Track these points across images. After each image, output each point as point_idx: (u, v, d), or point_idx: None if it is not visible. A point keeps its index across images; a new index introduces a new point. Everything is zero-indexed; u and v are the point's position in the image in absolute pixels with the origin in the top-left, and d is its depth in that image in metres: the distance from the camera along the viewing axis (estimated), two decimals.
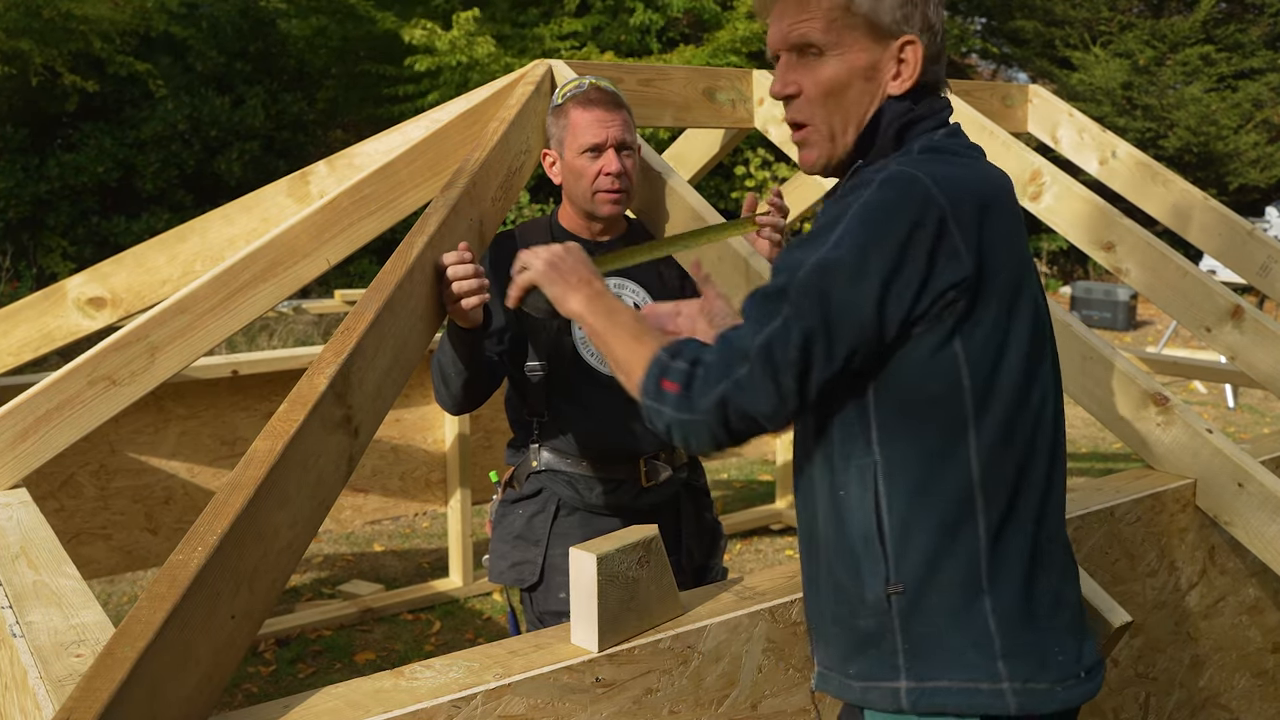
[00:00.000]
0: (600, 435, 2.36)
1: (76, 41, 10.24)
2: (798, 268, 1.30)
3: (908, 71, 1.40)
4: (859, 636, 1.39)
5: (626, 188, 2.29)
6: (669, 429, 1.35)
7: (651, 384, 1.37)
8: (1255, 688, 2.57)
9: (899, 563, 1.36)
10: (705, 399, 1.31)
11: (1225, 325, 2.81)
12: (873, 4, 1.37)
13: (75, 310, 2.68)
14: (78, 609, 1.72)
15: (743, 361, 1.30)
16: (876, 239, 1.27)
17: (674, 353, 1.37)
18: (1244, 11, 14.25)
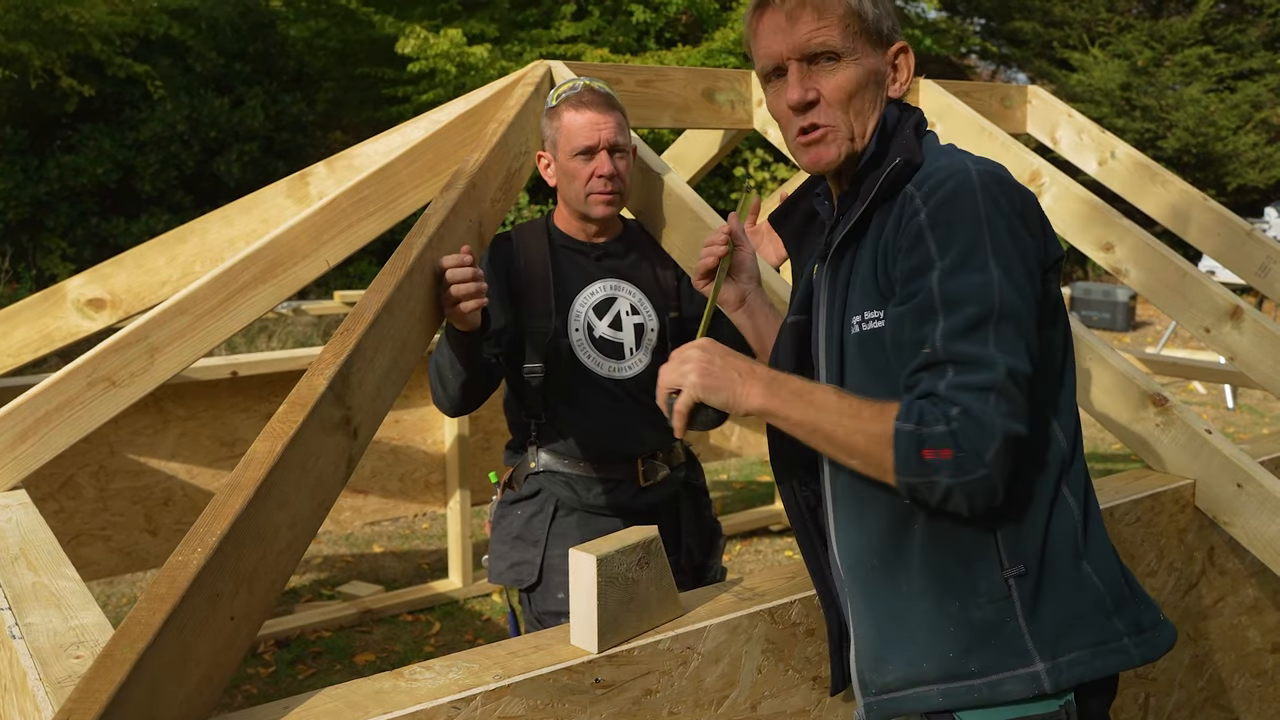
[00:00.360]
0: (598, 436, 2.37)
1: (75, 44, 10.24)
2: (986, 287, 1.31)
3: (904, 76, 1.49)
4: (974, 630, 1.39)
5: (619, 189, 2.30)
6: (947, 495, 1.30)
7: (911, 460, 1.30)
8: (1254, 688, 2.57)
9: (1014, 545, 1.38)
10: (989, 450, 1.27)
11: (1224, 326, 2.82)
12: (876, 14, 1.45)
13: (75, 311, 2.68)
14: (77, 610, 1.72)
15: (993, 394, 1.28)
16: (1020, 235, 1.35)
17: (916, 418, 1.31)
18: (1243, 12, 14.26)
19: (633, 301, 2.39)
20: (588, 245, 2.39)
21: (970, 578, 1.38)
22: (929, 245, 1.34)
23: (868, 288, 1.43)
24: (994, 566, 1.38)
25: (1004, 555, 1.38)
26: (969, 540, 1.38)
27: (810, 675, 1.75)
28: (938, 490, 1.29)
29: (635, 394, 2.38)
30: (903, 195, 1.41)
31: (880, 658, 1.46)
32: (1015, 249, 1.34)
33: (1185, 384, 8.40)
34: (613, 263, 2.41)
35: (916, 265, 1.35)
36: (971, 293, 1.31)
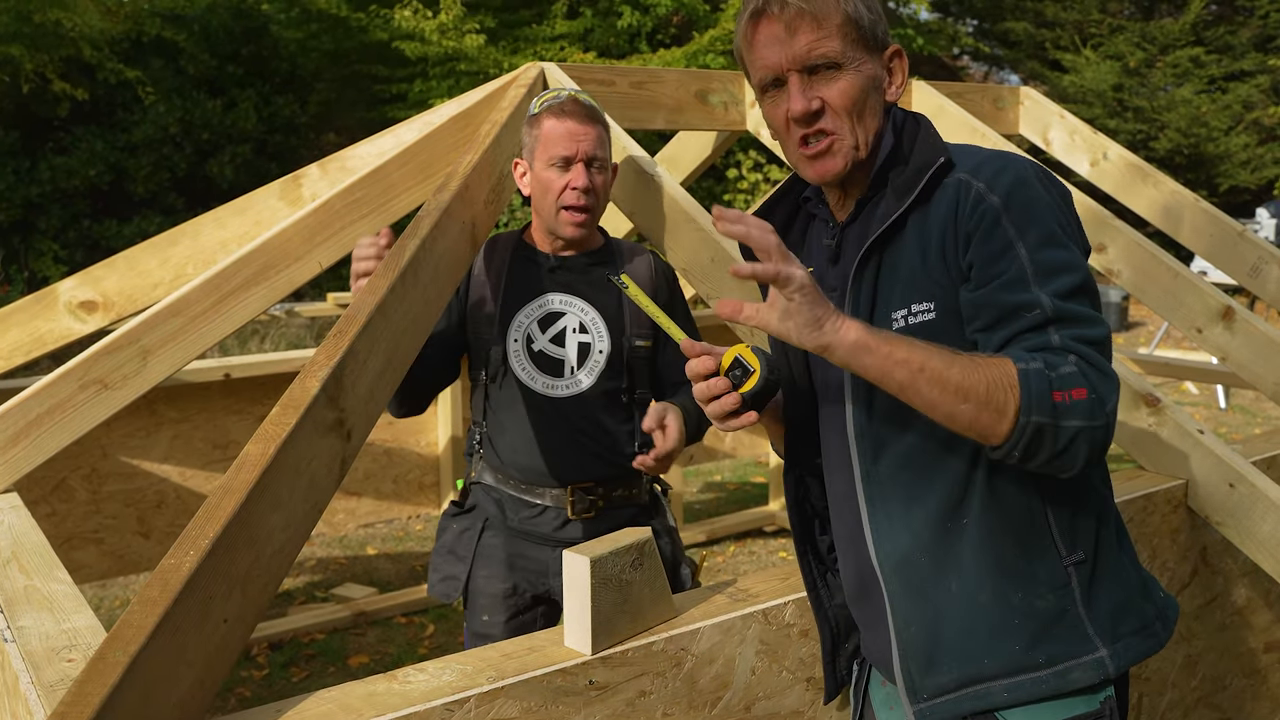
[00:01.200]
0: (528, 455, 2.28)
1: (67, 48, 10.22)
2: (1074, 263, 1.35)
3: (899, 79, 1.49)
4: (1039, 619, 1.39)
5: (592, 205, 2.21)
6: (1073, 441, 1.26)
7: (1043, 400, 1.25)
8: (1247, 687, 2.57)
9: (1071, 533, 1.40)
10: (1112, 398, 1.29)
11: (1216, 326, 2.82)
12: (871, 19, 1.44)
13: (67, 314, 2.67)
14: (69, 614, 1.71)
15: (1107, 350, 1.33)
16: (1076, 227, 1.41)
17: (1040, 360, 1.27)
18: (1234, 14, 14.31)
19: (583, 320, 2.27)
20: (544, 256, 2.30)
21: (1031, 567, 1.40)
22: (1006, 229, 1.35)
23: (917, 281, 1.40)
24: (1053, 554, 1.40)
25: (1060, 543, 1.40)
26: (1027, 529, 1.40)
27: (804, 676, 1.75)
28: (1064, 435, 1.25)
29: (571, 416, 2.25)
30: (957, 186, 1.39)
31: (933, 659, 1.43)
32: (1078, 231, 1.40)
33: (1178, 384, 8.42)
34: (567, 276, 2.29)
35: (998, 248, 1.34)
36: (1065, 264, 1.34)
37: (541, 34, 11.57)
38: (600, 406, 2.26)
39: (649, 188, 2.47)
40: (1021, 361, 1.27)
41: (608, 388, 2.27)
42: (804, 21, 1.40)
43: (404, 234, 2.00)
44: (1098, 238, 3.01)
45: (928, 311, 1.39)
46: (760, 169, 11.88)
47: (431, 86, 11.13)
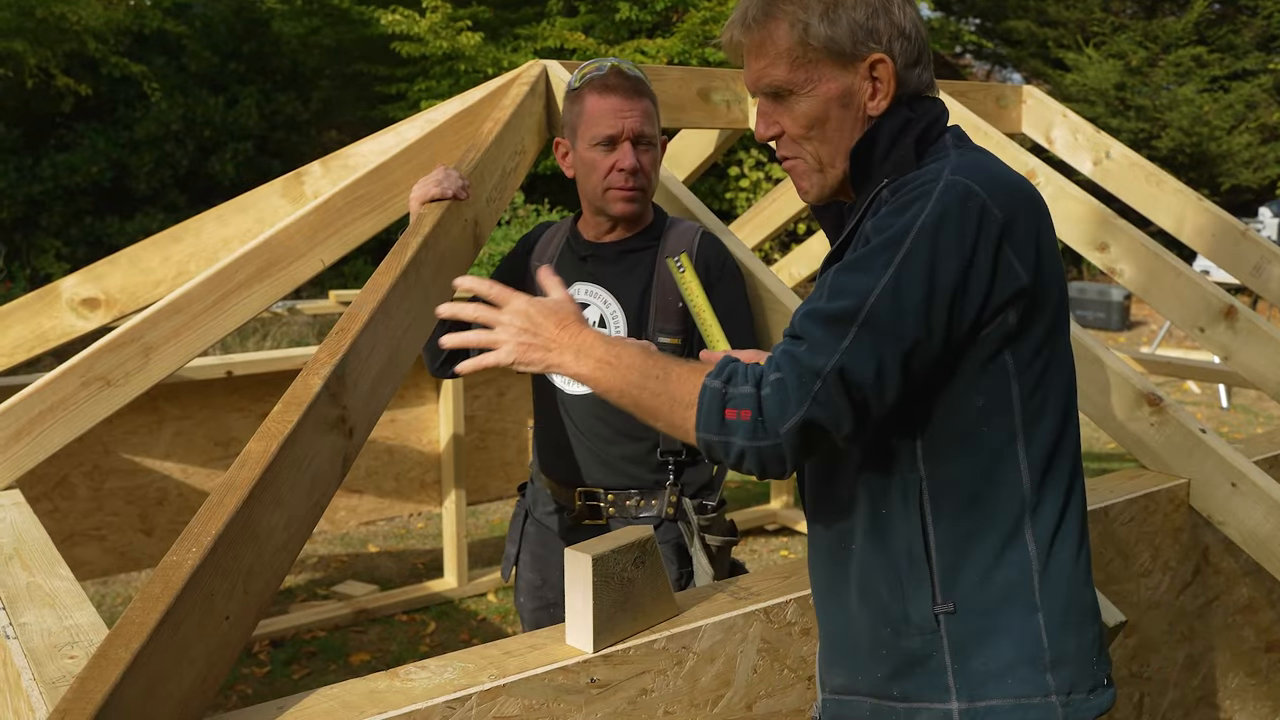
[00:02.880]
0: (548, 451, 2.26)
1: (70, 42, 10.22)
2: (865, 291, 1.26)
3: (884, 89, 1.39)
4: (904, 657, 1.37)
5: (643, 185, 2.09)
6: (740, 458, 1.28)
7: (713, 417, 1.28)
8: (1249, 687, 2.57)
9: (948, 581, 1.35)
10: (784, 423, 1.25)
11: (1219, 325, 2.82)
12: (829, 33, 1.36)
13: (69, 311, 2.67)
14: (71, 610, 1.71)
15: (817, 381, 1.24)
16: (942, 257, 1.27)
17: (726, 378, 1.29)
18: (1236, 13, 14.29)
19: (605, 313, 2.15)
20: (583, 244, 2.20)
21: (903, 608, 1.36)
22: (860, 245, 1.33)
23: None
24: (927, 599, 1.35)
25: (938, 590, 1.35)
26: (904, 569, 1.36)
27: (805, 675, 1.75)
28: (731, 451, 1.28)
29: (582, 417, 2.17)
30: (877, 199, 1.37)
31: (829, 659, 1.49)
32: (932, 266, 1.26)
33: (1180, 383, 8.41)
34: (596, 267, 2.17)
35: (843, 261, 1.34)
36: (850, 289, 1.27)
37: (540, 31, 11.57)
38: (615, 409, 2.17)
39: None
40: (711, 377, 1.30)
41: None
42: (751, 51, 1.41)
43: (406, 232, 2.00)
44: (1100, 237, 3.01)
45: None
46: (762, 167, 11.88)
47: (432, 86, 11.14)
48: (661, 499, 2.16)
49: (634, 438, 2.15)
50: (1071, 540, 1.39)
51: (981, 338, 1.31)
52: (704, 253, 2.16)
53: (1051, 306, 1.36)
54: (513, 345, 1.39)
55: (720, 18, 11.37)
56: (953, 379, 1.32)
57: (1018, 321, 1.32)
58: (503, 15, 12.11)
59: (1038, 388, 1.36)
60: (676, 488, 2.16)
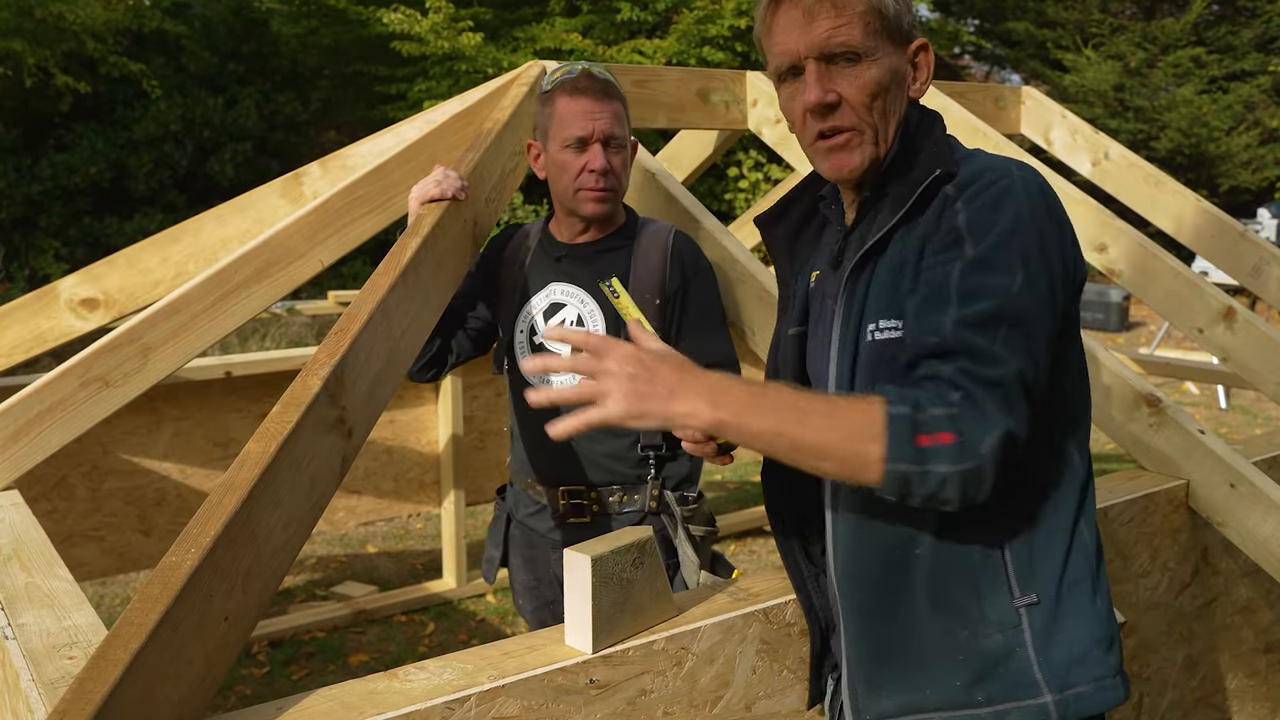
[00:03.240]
0: (528, 450, 2.25)
1: (69, 42, 10.23)
2: (1005, 289, 1.25)
3: (924, 75, 1.43)
4: (984, 658, 1.35)
5: (613, 186, 2.12)
6: (941, 485, 1.21)
7: (905, 446, 1.20)
8: (1248, 687, 2.57)
9: (1024, 574, 1.35)
10: (988, 440, 1.20)
11: (1217, 326, 2.82)
12: (897, 9, 1.37)
13: (68, 311, 2.67)
14: (70, 611, 1.71)
15: (1003, 390, 1.22)
16: (1050, 246, 1.30)
17: (912, 403, 1.22)
18: (1235, 14, 14.30)
19: (581, 312, 2.17)
20: (556, 245, 2.22)
21: (979, 605, 1.35)
22: (964, 242, 1.30)
23: (890, 295, 1.35)
24: (1005, 594, 1.35)
25: (1015, 583, 1.35)
26: (979, 566, 1.35)
27: (805, 676, 1.75)
28: (931, 480, 1.20)
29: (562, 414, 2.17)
30: (941, 199, 1.34)
31: (875, 683, 1.43)
32: (1044, 259, 1.28)
33: (1179, 385, 8.42)
34: (571, 266, 2.19)
35: (946, 257, 1.30)
36: (990, 289, 1.25)
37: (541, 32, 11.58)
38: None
39: (650, 187, 2.47)
40: (893, 404, 1.22)
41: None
42: (824, 6, 1.34)
43: (405, 232, 2.00)
44: (1099, 238, 3.01)
45: (894, 329, 1.34)
46: (761, 168, 11.88)
47: (431, 86, 11.14)
48: (644, 493, 2.19)
49: (615, 434, 2.17)
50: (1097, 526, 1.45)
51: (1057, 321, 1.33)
52: (679, 250, 2.19)
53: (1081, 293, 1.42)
54: (624, 394, 1.24)
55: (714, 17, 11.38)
56: None
57: (1076, 309, 1.37)
58: (503, 16, 12.12)
59: (1080, 374, 1.40)
60: (658, 481, 2.18)
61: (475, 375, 4.45)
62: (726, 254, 2.32)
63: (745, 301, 2.30)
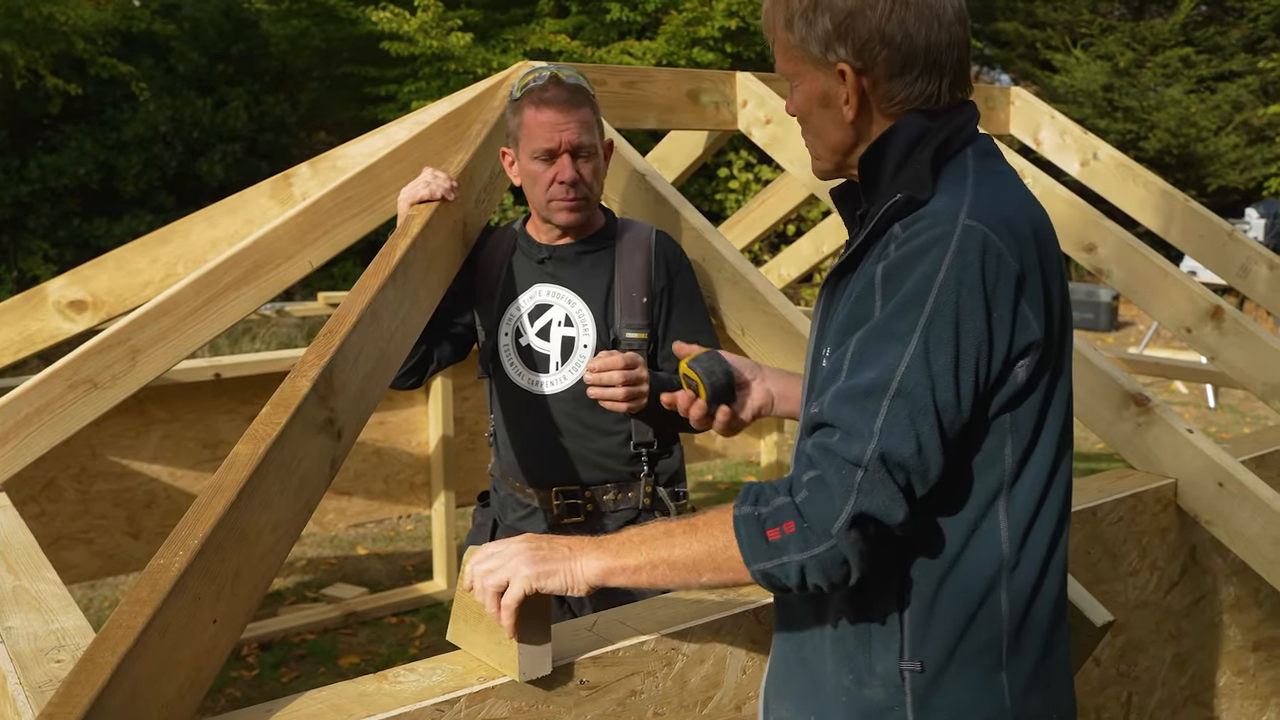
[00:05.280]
0: (518, 453, 2.24)
1: (59, 43, 10.19)
2: (894, 360, 1.20)
3: (852, 99, 1.33)
4: (865, 706, 1.33)
5: (584, 195, 2.11)
6: (802, 574, 1.21)
7: (757, 544, 1.22)
8: (1236, 685, 2.58)
9: (919, 640, 1.30)
10: (834, 522, 1.17)
11: (1205, 326, 2.83)
12: (804, 34, 1.33)
13: (56, 313, 2.66)
14: (58, 614, 1.71)
15: (858, 470, 1.18)
16: (967, 315, 1.21)
17: (753, 500, 1.23)
18: (1223, 14, 14.37)
19: (569, 312, 2.17)
20: (538, 247, 2.21)
21: (869, 657, 1.33)
22: (875, 300, 1.24)
23: (840, 325, 1.31)
24: (894, 654, 1.31)
25: (907, 646, 1.31)
26: (877, 622, 1.31)
27: None
28: (791, 570, 1.20)
29: (554, 415, 2.17)
30: (889, 233, 1.29)
31: (781, 689, 1.46)
32: (956, 327, 1.20)
33: (1167, 384, 8.45)
34: (555, 267, 2.19)
35: (858, 319, 1.25)
36: (879, 360, 1.20)
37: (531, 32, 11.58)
38: (586, 405, 2.13)
39: (639, 187, 2.47)
40: (739, 505, 1.24)
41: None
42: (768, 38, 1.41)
43: (395, 233, 2.00)
44: (1088, 237, 3.02)
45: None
46: (751, 169, 11.89)
47: (421, 87, 11.14)
48: (638, 490, 2.20)
49: (607, 432, 2.18)
50: (1050, 602, 1.36)
51: (990, 396, 1.26)
52: (662, 249, 2.21)
53: (1054, 353, 1.31)
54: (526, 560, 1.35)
55: (704, 19, 11.40)
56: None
57: (1027, 377, 1.27)
58: (492, 16, 12.11)
59: (1031, 443, 1.31)
60: (651, 478, 2.20)
61: (465, 377, 4.44)
62: (716, 254, 2.32)
63: (735, 301, 2.30)
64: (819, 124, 1.38)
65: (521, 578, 1.34)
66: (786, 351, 2.18)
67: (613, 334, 2.16)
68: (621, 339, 2.15)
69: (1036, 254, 1.29)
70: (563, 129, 2.06)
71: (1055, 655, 1.38)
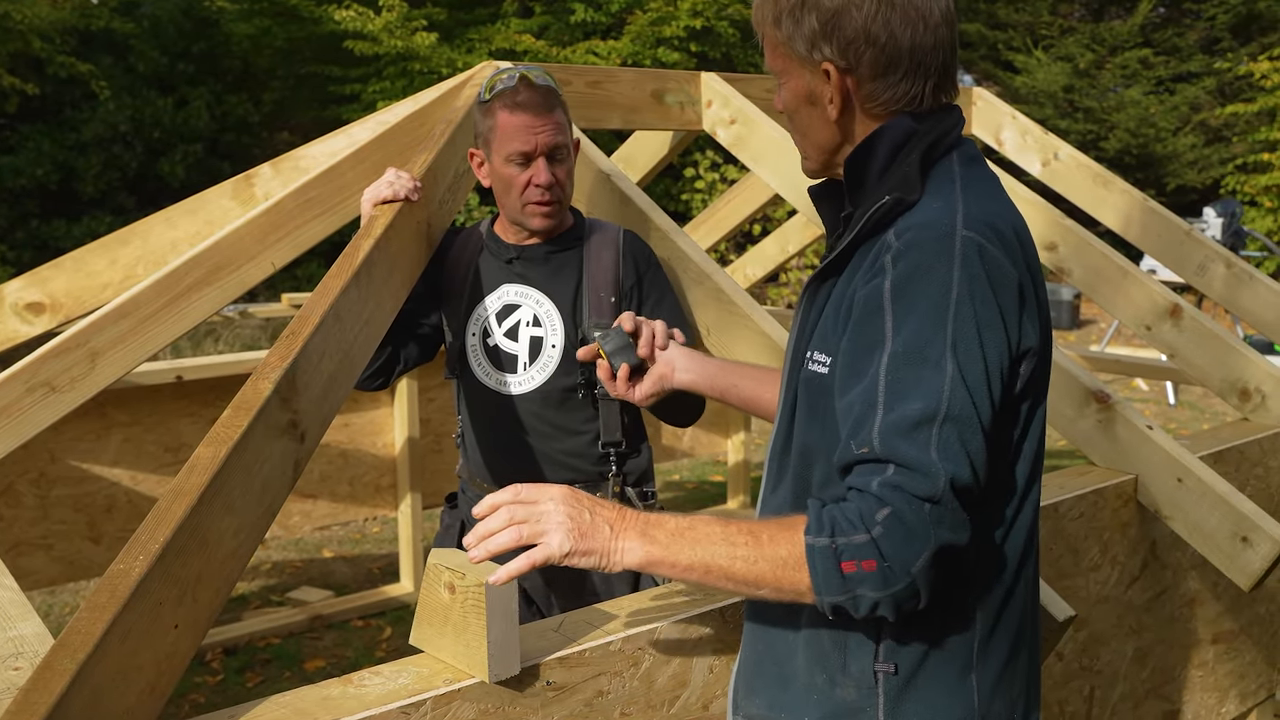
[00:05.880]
0: (484, 453, 2.24)
1: (15, 42, 10.05)
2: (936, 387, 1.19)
3: (835, 99, 1.34)
4: (836, 706, 1.35)
5: (559, 198, 2.12)
6: (873, 608, 1.20)
7: (832, 578, 1.19)
8: (1196, 678, 2.62)
9: (894, 643, 1.31)
10: (915, 562, 1.17)
11: (1164, 324, 2.87)
12: (790, 32, 1.34)
13: (13, 315, 2.62)
14: (15, 621, 1.68)
15: (933, 506, 1.17)
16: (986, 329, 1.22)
17: (829, 530, 1.19)
18: (1181, 16, 14.57)
19: (537, 312, 2.17)
20: (506, 247, 2.21)
21: (843, 658, 1.34)
22: (885, 320, 1.23)
23: (826, 329, 1.34)
24: (869, 656, 1.32)
25: (881, 648, 1.32)
26: (851, 625, 1.31)
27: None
28: (863, 604, 1.20)
29: (520, 415, 2.18)
30: (882, 240, 1.28)
31: (752, 686, 1.46)
32: (980, 341, 1.22)
33: (1128, 381, 8.55)
34: (524, 267, 2.19)
35: (866, 344, 1.24)
36: (919, 388, 1.20)
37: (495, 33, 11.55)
38: (554, 405, 2.16)
39: (604, 187, 2.47)
40: (811, 534, 1.20)
41: (563, 384, 2.16)
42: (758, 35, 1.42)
43: (358, 234, 1.99)
44: (1049, 236, 3.05)
45: (822, 365, 1.32)
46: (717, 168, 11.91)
47: (385, 87, 11.08)
48: (605, 490, 2.20)
49: (575, 432, 2.18)
50: (1019, 608, 1.37)
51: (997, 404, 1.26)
52: (630, 248, 2.22)
53: (1045, 357, 1.32)
54: (565, 531, 1.28)
55: (668, 18, 11.41)
56: None
57: (1022, 385, 1.29)
58: (457, 16, 12.07)
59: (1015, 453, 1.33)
60: (619, 478, 2.20)
61: (431, 378, 4.43)
62: (681, 254, 2.33)
63: (701, 300, 2.30)
64: (805, 122, 1.39)
65: (554, 547, 1.28)
66: (752, 350, 2.18)
67: (581, 333, 2.16)
68: (590, 338, 2.14)
69: (1024, 260, 1.30)
70: (538, 132, 2.06)
71: (1021, 658, 1.40)
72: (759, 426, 6.56)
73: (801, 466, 1.38)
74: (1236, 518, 2.18)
